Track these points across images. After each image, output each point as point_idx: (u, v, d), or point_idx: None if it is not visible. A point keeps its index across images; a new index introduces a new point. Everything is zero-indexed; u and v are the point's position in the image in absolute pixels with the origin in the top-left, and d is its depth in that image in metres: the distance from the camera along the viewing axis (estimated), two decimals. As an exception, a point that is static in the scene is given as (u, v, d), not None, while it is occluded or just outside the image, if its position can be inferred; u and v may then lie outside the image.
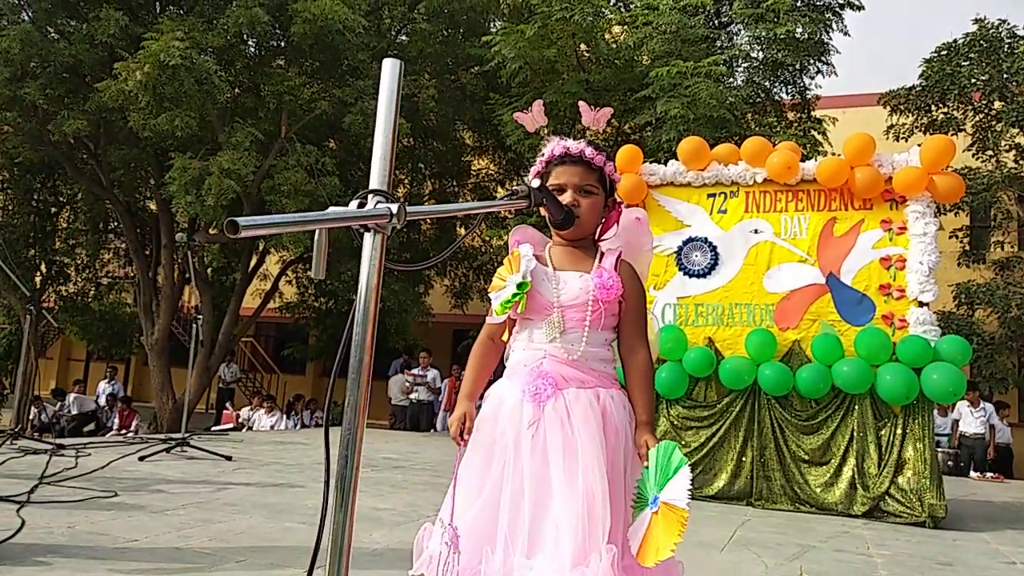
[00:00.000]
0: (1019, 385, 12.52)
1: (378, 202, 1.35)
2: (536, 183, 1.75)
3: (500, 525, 1.61)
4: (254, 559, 3.01)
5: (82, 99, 11.06)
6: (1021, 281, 12.41)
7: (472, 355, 1.91)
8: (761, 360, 5.25)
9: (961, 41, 12.67)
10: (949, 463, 9.33)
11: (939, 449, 8.49)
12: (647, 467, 1.58)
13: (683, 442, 5.37)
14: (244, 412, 13.01)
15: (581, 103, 1.89)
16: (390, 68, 1.48)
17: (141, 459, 5.49)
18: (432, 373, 12.15)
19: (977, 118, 12.81)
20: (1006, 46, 12.33)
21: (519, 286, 1.74)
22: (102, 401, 14.89)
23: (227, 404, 14.70)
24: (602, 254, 1.80)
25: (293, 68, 11.52)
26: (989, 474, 9.03)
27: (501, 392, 1.76)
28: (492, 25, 12.57)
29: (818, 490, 5.08)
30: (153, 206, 14.11)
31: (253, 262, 14.24)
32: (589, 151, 1.76)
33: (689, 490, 1.48)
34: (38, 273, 16.05)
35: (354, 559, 1.34)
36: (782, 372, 5.17)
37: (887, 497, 4.91)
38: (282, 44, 11.95)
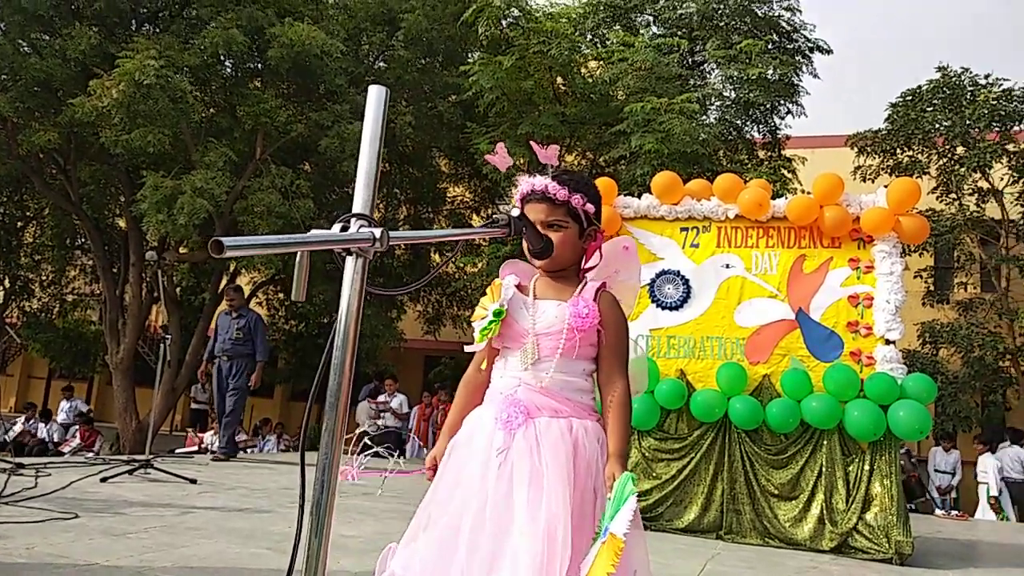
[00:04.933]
0: (982, 424, 12.73)
1: (361, 226, 1.36)
2: (516, 212, 1.77)
3: (459, 551, 1.60)
4: (218, 585, 2.95)
5: (53, 113, 10.94)
6: (983, 322, 12.69)
7: (459, 390, 1.92)
8: (732, 393, 5.30)
9: (925, 88, 13.07)
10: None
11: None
12: (609, 499, 1.58)
13: (654, 474, 5.39)
14: (208, 436, 12.79)
15: (532, 143, 1.93)
16: (376, 95, 1.50)
17: (103, 480, 5.36)
18: (398, 399, 12.04)
19: (941, 162, 13.16)
20: (968, 94, 12.74)
21: (495, 314, 1.75)
22: (60, 418, 14.60)
23: (196, 425, 14.47)
24: (584, 284, 1.81)
25: (270, 90, 11.51)
26: (954, 512, 9.14)
27: (477, 418, 1.76)
28: (470, 55, 12.71)
29: (787, 525, 5.10)
30: (122, 223, 13.93)
31: (223, 283, 14.09)
32: (552, 187, 1.75)
33: (630, 520, 1.47)
34: (1, 288, 15.73)
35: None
36: (752, 406, 5.22)
37: (855, 533, 4.94)
38: (259, 66, 11.95)
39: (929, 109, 12.95)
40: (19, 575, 2.83)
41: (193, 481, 5.73)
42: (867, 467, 5.03)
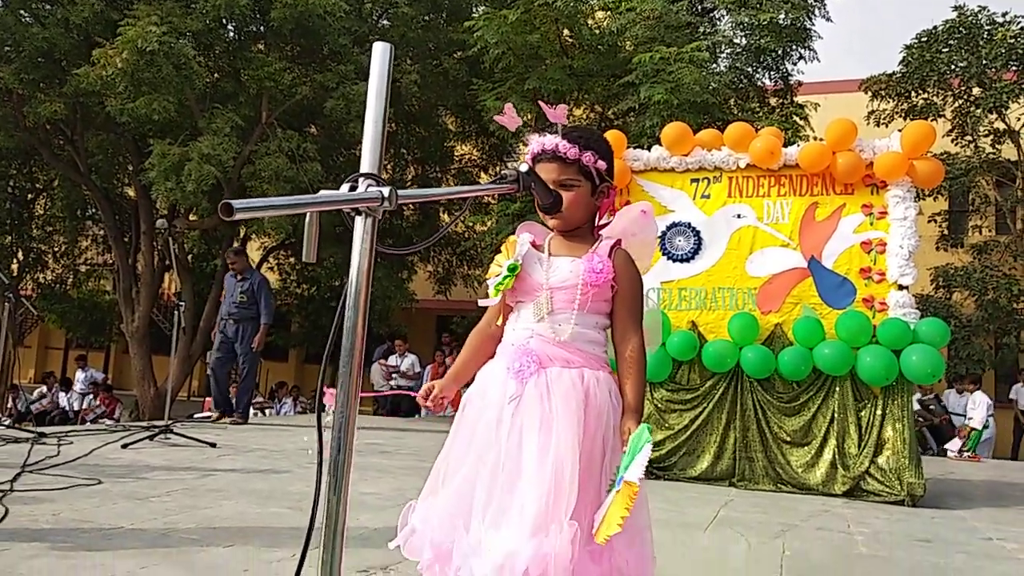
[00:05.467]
0: (995, 366, 12.73)
1: (369, 185, 1.35)
2: (524, 167, 1.76)
3: (475, 504, 1.64)
4: (242, 542, 3.01)
5: (58, 83, 10.90)
6: (998, 264, 12.60)
7: (468, 340, 1.93)
8: (744, 343, 5.31)
9: (941, 28, 12.78)
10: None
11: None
12: (625, 452, 1.59)
13: (667, 424, 5.43)
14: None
15: (541, 103, 1.91)
16: (380, 52, 1.47)
17: (124, 447, 5.46)
18: (409, 360, 12.13)
19: (956, 104, 12.94)
20: (985, 33, 12.45)
21: (510, 268, 1.76)
22: (77, 388, 14.85)
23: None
24: (599, 242, 1.81)
25: (273, 53, 11.39)
26: (966, 454, 9.18)
27: (489, 371, 1.78)
28: (474, 10, 12.49)
29: (799, 470, 5.15)
30: (132, 192, 13.96)
31: (235, 249, 14.14)
32: (563, 145, 1.74)
33: (644, 466, 1.48)
34: (15, 260, 15.86)
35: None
36: (764, 355, 5.23)
37: (867, 476, 4.99)
38: (262, 29, 11.81)
39: (945, 50, 12.68)
40: (46, 540, 2.90)
41: (213, 445, 5.83)
42: (879, 412, 5.05)
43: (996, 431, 10.69)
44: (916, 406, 10.51)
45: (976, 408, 9.87)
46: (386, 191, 1.31)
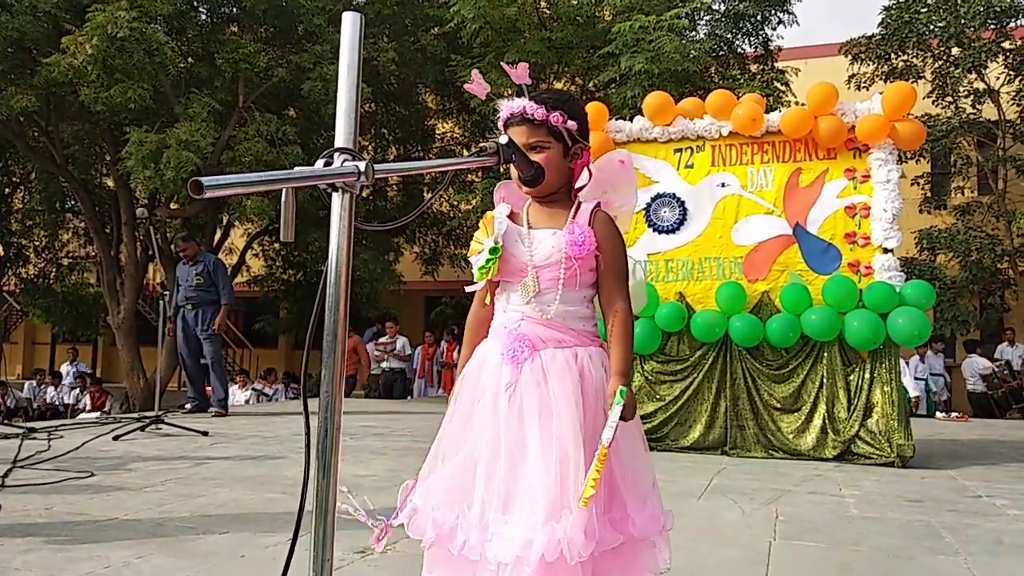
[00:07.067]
0: (980, 327, 12.83)
1: (344, 160, 1.32)
2: (504, 139, 1.72)
3: (477, 481, 1.63)
4: (237, 529, 3.00)
5: (29, 74, 10.70)
6: (981, 225, 12.66)
7: (466, 328, 1.92)
8: (731, 312, 5.31)
9: (919, -12, 12.71)
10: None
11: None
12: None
13: (658, 396, 5.45)
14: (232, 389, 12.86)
15: (503, 64, 1.86)
16: (351, 22, 1.43)
17: (115, 439, 5.43)
18: (400, 341, 12.11)
19: (936, 65, 12.91)
20: (962, -9, 12.39)
21: (491, 251, 1.72)
22: (67, 381, 14.76)
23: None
24: (578, 208, 1.77)
25: (247, 35, 11.23)
26: (954, 414, 9.27)
27: (484, 352, 1.77)
28: (450, -16, 12.32)
29: (790, 436, 5.19)
30: (110, 182, 13.79)
31: (217, 236, 14.02)
32: (530, 107, 1.70)
33: (614, 428, 1.50)
34: (-5, 256, 15.68)
35: (337, 523, 1.33)
36: (752, 323, 5.24)
37: (857, 440, 5.04)
38: (234, 10, 11.62)
39: (923, 10, 12.62)
40: (40, 534, 2.88)
41: (205, 433, 5.81)
42: (867, 375, 5.09)
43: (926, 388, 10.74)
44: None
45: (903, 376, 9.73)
46: (362, 165, 1.28)
